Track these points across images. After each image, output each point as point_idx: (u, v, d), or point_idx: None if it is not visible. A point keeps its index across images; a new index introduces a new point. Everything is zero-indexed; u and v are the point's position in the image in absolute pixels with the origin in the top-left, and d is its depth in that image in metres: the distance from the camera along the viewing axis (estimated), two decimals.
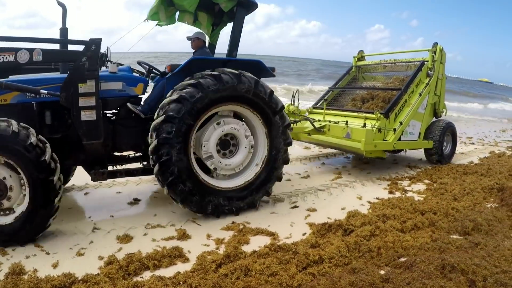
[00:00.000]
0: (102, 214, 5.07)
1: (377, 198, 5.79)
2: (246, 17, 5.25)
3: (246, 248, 4.00)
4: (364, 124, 6.60)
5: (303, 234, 4.48)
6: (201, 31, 5.83)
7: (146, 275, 3.55)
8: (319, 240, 4.11)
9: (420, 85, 7.43)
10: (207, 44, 5.81)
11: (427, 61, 7.56)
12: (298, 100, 7.38)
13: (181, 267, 3.68)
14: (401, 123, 6.88)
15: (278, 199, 5.66)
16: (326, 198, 5.87)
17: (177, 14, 5.69)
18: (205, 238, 4.40)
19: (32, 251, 4.04)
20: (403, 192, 6.13)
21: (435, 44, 7.59)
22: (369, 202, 5.63)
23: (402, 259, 3.61)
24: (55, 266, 3.73)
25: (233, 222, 4.77)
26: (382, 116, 6.68)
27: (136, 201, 5.56)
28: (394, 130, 6.80)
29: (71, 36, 4.70)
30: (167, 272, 3.59)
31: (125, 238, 4.32)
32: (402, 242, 4.06)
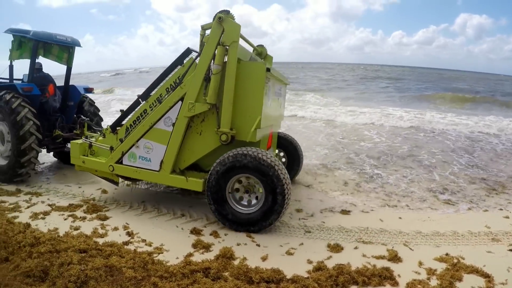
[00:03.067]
0: (315, 219, 4.95)
1: None
2: (455, 29, 4.44)
3: (459, 286, 3.44)
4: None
5: None
6: None
7: None
8: None
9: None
10: None
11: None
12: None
13: None
14: (120, 141, 4.93)
15: (495, 238, 4.71)
16: None
17: None
18: (416, 265, 3.85)
19: (243, 239, 4.11)
20: None
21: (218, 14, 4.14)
22: None
23: None
24: (264, 259, 3.69)
25: (447, 254, 4.11)
26: (108, 130, 5.12)
27: (346, 212, 5.30)
28: (111, 148, 5.01)
29: (291, 45, 4.72)
30: None
31: (336, 248, 4.06)
32: None
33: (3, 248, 3.71)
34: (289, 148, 6.13)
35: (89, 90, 7.62)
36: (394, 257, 3.93)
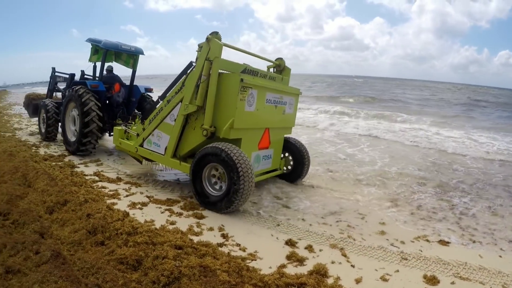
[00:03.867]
0: (412, 246, 4.55)
1: None
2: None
3: None
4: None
5: None
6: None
7: None
8: None
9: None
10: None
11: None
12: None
13: None
14: (143, 129, 6.26)
15: None
16: None
17: None
18: None
19: (338, 258, 3.92)
20: None
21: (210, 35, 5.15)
22: None
23: None
24: (358, 281, 3.45)
25: None
26: (139, 121, 6.60)
27: (445, 243, 4.71)
28: (137, 135, 6.41)
29: (392, 60, 4.44)
30: None
31: (432, 280, 3.68)
32: None
33: (101, 232, 3.82)
34: (295, 153, 6.75)
35: (149, 90, 9.42)
36: None
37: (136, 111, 8.50)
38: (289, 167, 6.83)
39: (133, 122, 7.08)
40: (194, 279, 3.01)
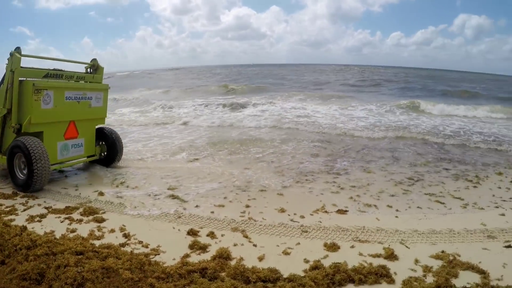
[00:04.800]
0: (312, 219, 4.98)
1: None
2: (453, 30, 4.73)
3: (455, 282, 3.44)
4: None
5: None
6: None
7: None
8: None
9: None
10: None
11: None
12: None
13: None
14: None
15: (490, 235, 4.73)
16: None
17: None
18: (412, 262, 3.85)
19: (240, 240, 4.13)
20: None
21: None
22: None
23: None
24: (261, 259, 3.69)
25: (443, 251, 4.13)
26: None
27: (344, 212, 5.32)
28: None
29: (288, 47, 4.90)
30: None
31: (332, 247, 4.07)
32: None
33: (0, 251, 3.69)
34: (108, 140, 7.65)
35: None
36: (391, 255, 3.95)
37: None
38: (105, 153, 7.75)
39: None
40: (97, 282, 3.02)
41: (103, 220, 4.76)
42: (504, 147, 10.60)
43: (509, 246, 4.47)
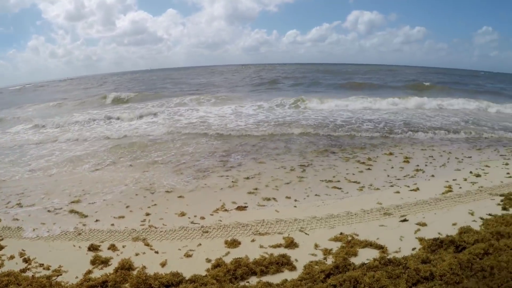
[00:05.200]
0: (213, 219, 5.08)
1: (489, 214, 5.04)
2: (347, 26, 5.01)
3: (355, 260, 3.72)
4: None
5: (413, 249, 4.03)
6: None
7: (253, 280, 3.43)
8: (430, 256, 3.65)
9: None
10: None
11: None
12: None
13: (288, 275, 3.50)
14: None
15: (387, 212, 5.20)
16: (437, 212, 5.24)
17: None
18: (312, 247, 4.14)
19: (142, 249, 4.16)
20: None
21: None
22: (482, 218, 4.93)
23: None
24: (163, 264, 3.78)
25: (341, 233, 4.46)
26: None
27: (243, 208, 5.47)
28: None
29: (186, 50, 4.81)
30: (274, 279, 3.43)
31: (233, 243, 4.24)
32: None
33: None
34: None
35: None
36: (291, 244, 4.20)
37: None
38: None
39: None
40: None
41: (1, 247, 4.53)
42: (394, 131, 11.63)
43: (404, 220, 4.94)
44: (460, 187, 6.49)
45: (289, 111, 16.19)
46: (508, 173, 7.39)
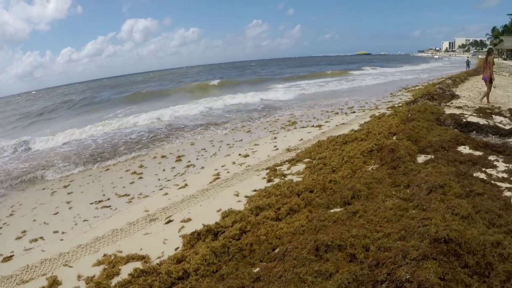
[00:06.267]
0: None
1: (254, 190, 5.49)
2: (122, 36, 4.50)
3: (118, 279, 3.61)
4: None
5: (176, 249, 4.13)
6: None
7: None
8: (185, 253, 3.79)
9: None
10: None
11: None
12: None
13: None
14: None
15: (153, 218, 5.16)
16: (203, 203, 5.47)
17: None
18: (76, 280, 3.93)
19: None
20: (282, 177, 5.89)
21: None
22: (246, 197, 5.33)
23: (276, 251, 3.32)
24: None
25: (104, 255, 4.27)
26: None
27: (10, 258, 4.85)
28: None
29: None
30: None
31: None
32: (275, 231, 3.78)
33: None
34: None
35: None
36: (53, 283, 3.90)
37: None
38: None
39: None
40: None
41: None
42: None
43: (169, 221, 4.95)
44: (228, 172, 6.89)
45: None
46: (275, 146, 8.23)
